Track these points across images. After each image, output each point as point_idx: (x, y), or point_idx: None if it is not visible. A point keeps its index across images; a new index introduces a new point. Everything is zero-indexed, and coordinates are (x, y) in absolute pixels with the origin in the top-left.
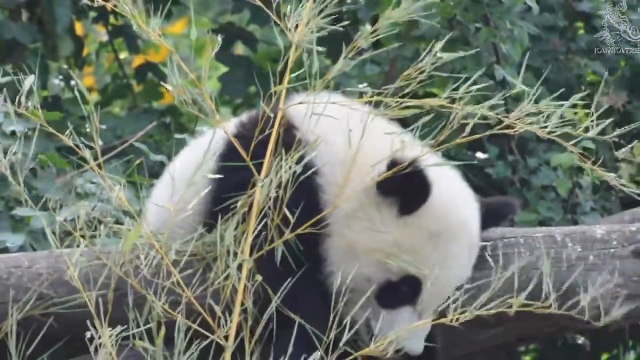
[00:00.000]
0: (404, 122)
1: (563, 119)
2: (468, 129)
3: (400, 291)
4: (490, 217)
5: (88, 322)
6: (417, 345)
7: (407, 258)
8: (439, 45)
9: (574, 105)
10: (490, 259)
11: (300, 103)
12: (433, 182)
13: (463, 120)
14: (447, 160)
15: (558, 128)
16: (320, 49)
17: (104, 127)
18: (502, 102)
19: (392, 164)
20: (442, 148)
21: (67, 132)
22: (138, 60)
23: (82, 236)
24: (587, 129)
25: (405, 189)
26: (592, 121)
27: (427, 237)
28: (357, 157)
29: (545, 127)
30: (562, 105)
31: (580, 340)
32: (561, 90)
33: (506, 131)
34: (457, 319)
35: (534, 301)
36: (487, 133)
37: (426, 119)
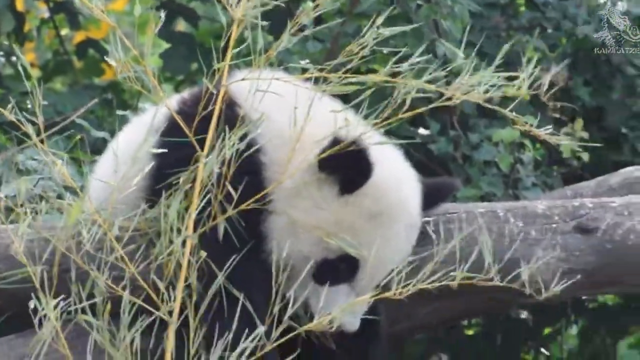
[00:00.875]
0: (346, 99)
1: (504, 95)
2: (408, 102)
3: (338, 269)
4: (431, 198)
5: (33, 294)
6: (352, 323)
7: (347, 237)
8: (380, 20)
9: (513, 79)
10: (432, 234)
11: (243, 80)
12: (375, 162)
13: (405, 96)
14: (389, 136)
15: (496, 91)
16: (264, 23)
17: (45, 103)
18: (444, 77)
19: (334, 142)
20: (385, 125)
21: (10, 106)
22: (79, 37)
23: (25, 212)
24: (520, 86)
25: (346, 167)
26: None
27: (367, 217)
28: (301, 135)
29: (487, 93)
30: (503, 81)
31: (523, 314)
32: (499, 61)
33: (448, 103)
34: (401, 293)
35: (476, 274)
36: (430, 107)
37: (367, 93)
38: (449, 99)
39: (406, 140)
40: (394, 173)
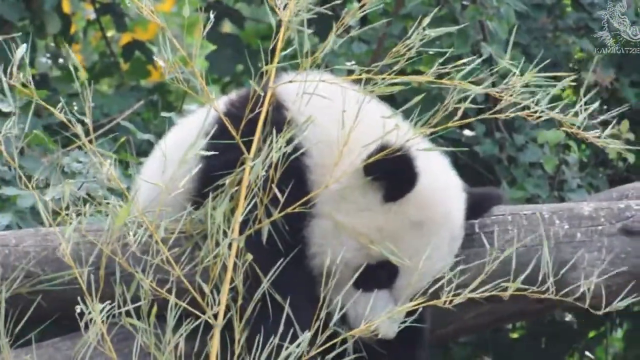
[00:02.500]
0: (393, 103)
1: (550, 97)
2: (460, 112)
3: (377, 275)
4: (475, 208)
5: (78, 298)
6: (390, 330)
7: (389, 244)
8: (426, 20)
9: (561, 81)
10: (484, 238)
11: (290, 82)
12: (420, 171)
13: (456, 105)
14: (436, 139)
15: (547, 110)
16: (309, 31)
17: (91, 105)
18: (490, 79)
19: (381, 148)
20: (434, 131)
21: (59, 106)
22: (125, 39)
23: (69, 214)
24: (576, 114)
25: (392, 176)
26: (579, 100)
27: (409, 225)
28: (348, 139)
29: (535, 111)
30: (549, 82)
31: (568, 317)
32: (545, 63)
33: (498, 116)
34: (451, 302)
35: (524, 280)
36: (480, 117)
37: (417, 99)
38: (499, 111)
39: (452, 142)
40: (439, 182)
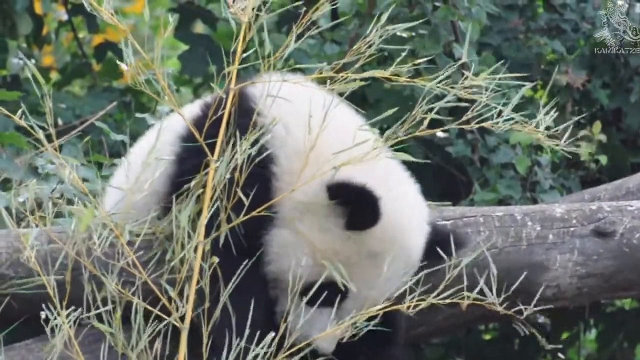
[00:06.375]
0: (365, 103)
1: (521, 99)
2: (425, 123)
3: (327, 293)
4: (435, 247)
5: (43, 305)
6: (328, 346)
7: (342, 266)
8: (384, 17)
9: (530, 81)
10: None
11: (253, 83)
12: (385, 204)
13: (423, 116)
14: (407, 140)
15: (515, 119)
16: (265, 27)
17: (63, 106)
18: (461, 79)
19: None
20: (403, 139)
21: (20, 112)
22: (97, 39)
23: (39, 216)
24: (537, 125)
25: (354, 207)
26: (551, 102)
27: (366, 255)
28: (316, 145)
29: (503, 120)
30: (518, 85)
31: (541, 319)
32: (510, 62)
33: (466, 126)
34: (415, 307)
35: (494, 282)
36: (449, 127)
37: (391, 111)
38: (467, 122)
39: (424, 143)
40: (403, 218)
